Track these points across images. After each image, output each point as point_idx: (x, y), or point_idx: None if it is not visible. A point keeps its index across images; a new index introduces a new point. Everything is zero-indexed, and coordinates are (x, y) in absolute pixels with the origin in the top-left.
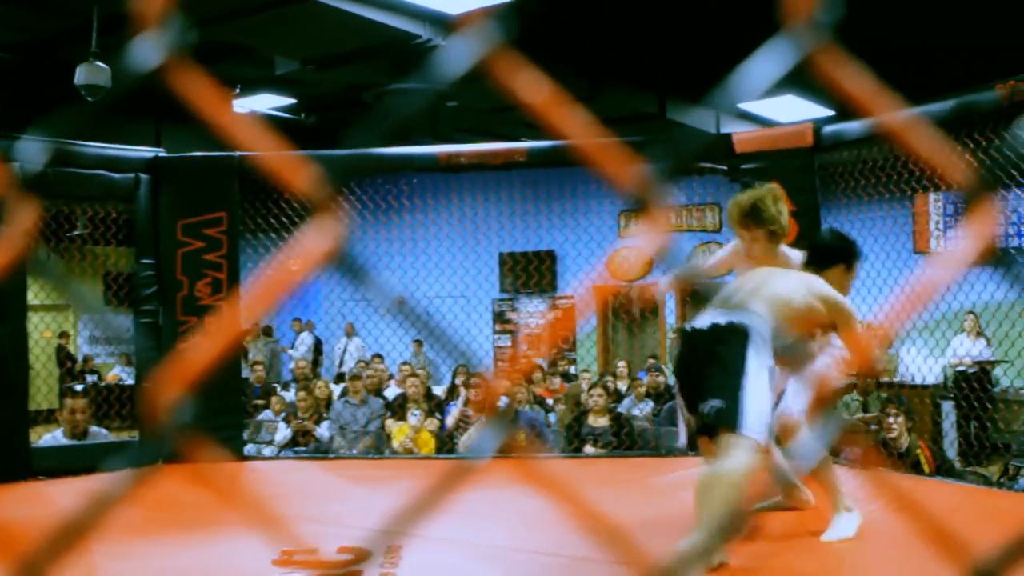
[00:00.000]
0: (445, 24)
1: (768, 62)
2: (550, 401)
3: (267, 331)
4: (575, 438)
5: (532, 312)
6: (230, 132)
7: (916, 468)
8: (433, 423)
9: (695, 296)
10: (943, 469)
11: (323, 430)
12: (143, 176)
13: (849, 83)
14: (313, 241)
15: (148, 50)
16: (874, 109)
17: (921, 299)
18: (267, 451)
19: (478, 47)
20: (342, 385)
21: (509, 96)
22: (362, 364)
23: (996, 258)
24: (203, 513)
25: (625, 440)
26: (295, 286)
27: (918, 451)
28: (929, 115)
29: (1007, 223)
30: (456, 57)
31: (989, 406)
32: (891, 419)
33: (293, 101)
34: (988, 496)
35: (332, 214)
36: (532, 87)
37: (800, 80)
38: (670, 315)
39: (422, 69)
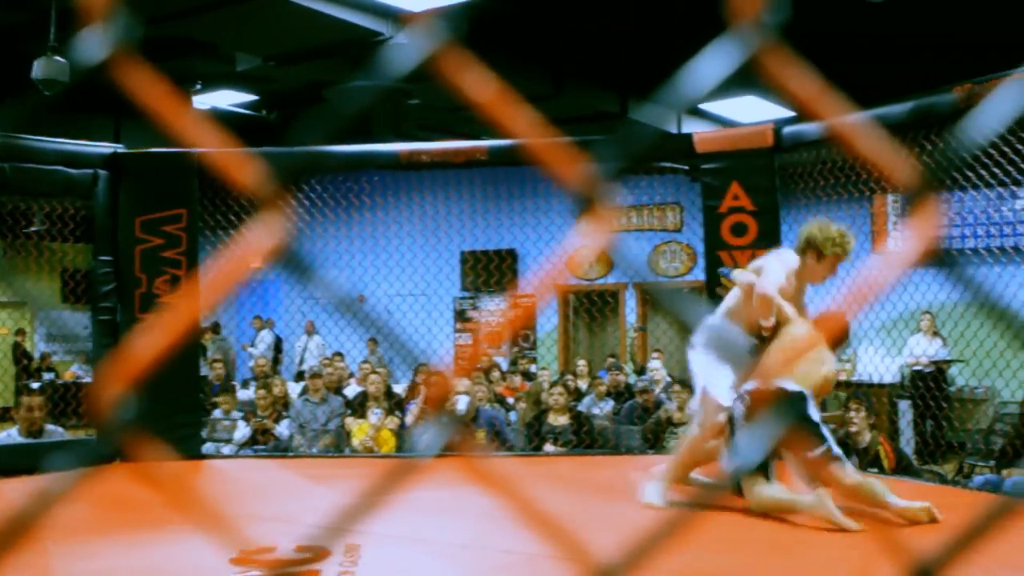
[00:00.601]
0: (407, 21)
1: (713, 62)
2: (511, 400)
3: (215, 328)
4: (535, 436)
5: (493, 311)
6: (177, 127)
7: (876, 464)
8: (393, 421)
9: (653, 299)
10: (902, 466)
11: (283, 428)
12: (101, 172)
13: (795, 83)
14: (258, 238)
15: (93, 45)
16: (819, 109)
17: (865, 299)
18: (226, 449)
19: (426, 45)
20: (302, 383)
21: (457, 94)
22: (325, 362)
23: (941, 259)
24: (161, 511)
25: (585, 438)
26: (240, 283)
27: (879, 447)
28: (887, 117)
29: (955, 224)
30: (403, 55)
31: (945, 405)
32: (852, 414)
33: (255, 98)
34: (944, 494)
35: (278, 211)
36: (480, 85)
37: (761, 81)
38: (630, 314)
39: (369, 66)
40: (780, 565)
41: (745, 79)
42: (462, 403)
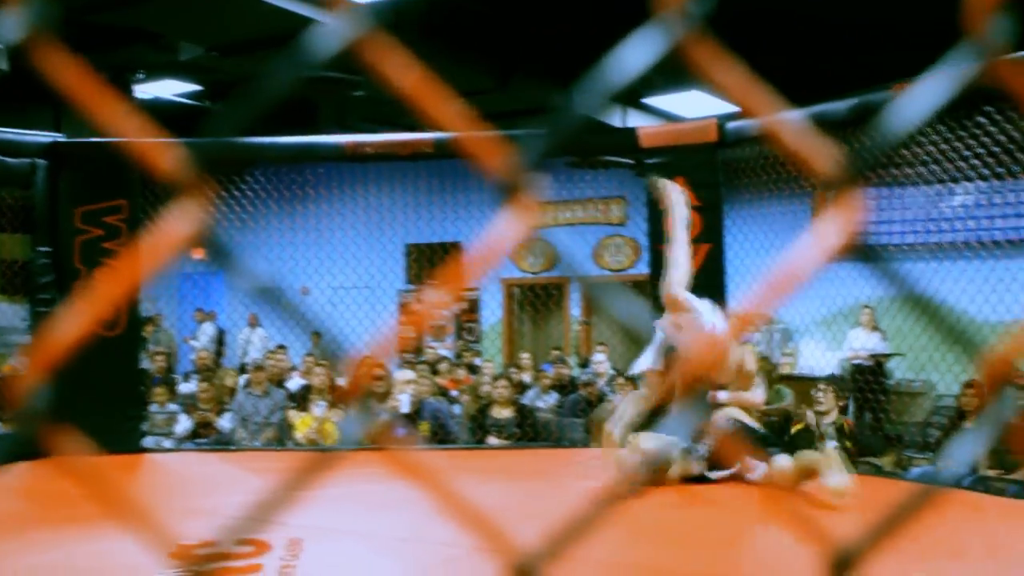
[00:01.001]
0: (330, 6)
1: (634, 53)
2: (456, 392)
3: (155, 320)
4: (479, 429)
5: (437, 303)
6: (98, 114)
7: (840, 441)
8: (337, 414)
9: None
10: (860, 448)
11: (225, 421)
12: (40, 162)
13: (720, 75)
14: (174, 226)
15: (6, 28)
16: (745, 102)
17: (782, 293)
18: (168, 443)
19: (348, 32)
20: (245, 376)
21: (382, 83)
22: (270, 355)
23: (864, 254)
24: (96, 506)
25: (529, 431)
26: (153, 273)
27: (842, 424)
28: (826, 114)
29: (895, 220)
30: (324, 42)
31: (883, 398)
32: (820, 395)
33: (199, 88)
34: (880, 485)
35: (198, 198)
36: (404, 74)
37: (689, 72)
38: (575, 307)
39: (286, 54)
40: (699, 555)
41: (688, 73)
42: (405, 399)
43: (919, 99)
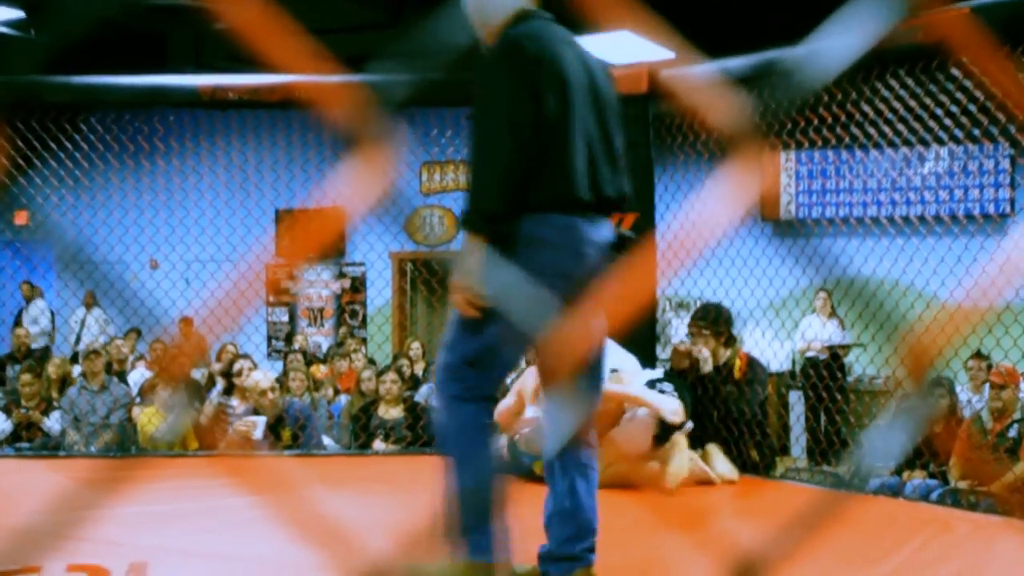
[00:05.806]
0: None
1: None
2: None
3: None
4: (362, 431)
5: (314, 281)
6: None
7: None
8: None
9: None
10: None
11: (52, 422)
12: None
13: (618, 18)
14: None
15: None
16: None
17: (680, 263)
18: None
19: None
20: (77, 367)
21: (218, 20)
22: (113, 341)
23: (787, 229)
24: None
25: (422, 434)
26: None
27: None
28: (729, 69)
29: (854, 189)
30: None
31: (839, 397)
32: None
33: (20, 14)
34: (838, 499)
35: None
36: (243, 9)
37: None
38: None
39: None
40: None
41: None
42: (260, 421)
43: (832, 54)
